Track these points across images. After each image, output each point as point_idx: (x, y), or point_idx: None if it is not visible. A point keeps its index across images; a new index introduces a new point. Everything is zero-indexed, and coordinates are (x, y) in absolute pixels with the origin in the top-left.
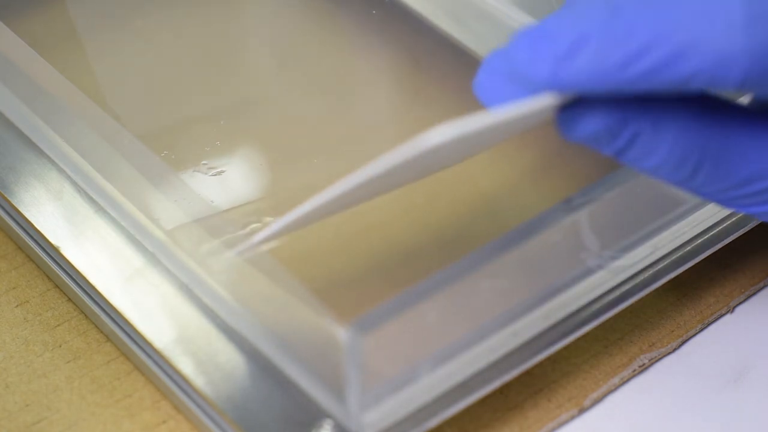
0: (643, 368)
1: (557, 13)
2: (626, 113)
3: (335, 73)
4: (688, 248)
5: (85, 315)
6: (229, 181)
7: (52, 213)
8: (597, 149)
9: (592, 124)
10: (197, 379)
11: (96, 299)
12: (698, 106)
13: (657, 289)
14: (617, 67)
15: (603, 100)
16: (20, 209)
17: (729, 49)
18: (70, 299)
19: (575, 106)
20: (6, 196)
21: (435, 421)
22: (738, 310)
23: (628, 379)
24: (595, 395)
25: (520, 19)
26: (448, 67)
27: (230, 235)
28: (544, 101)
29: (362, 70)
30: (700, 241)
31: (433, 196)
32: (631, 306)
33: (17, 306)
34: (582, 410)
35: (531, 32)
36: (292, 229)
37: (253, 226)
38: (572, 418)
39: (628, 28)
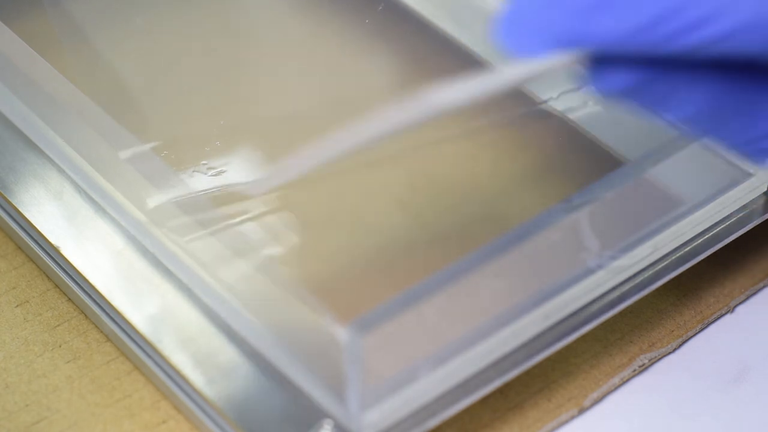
0: (643, 368)
1: None
2: (658, 67)
3: (335, 73)
4: (688, 248)
5: (85, 315)
6: (229, 181)
7: (52, 213)
8: (627, 102)
9: (623, 78)
10: (197, 379)
11: (96, 299)
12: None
13: (657, 289)
14: (643, 27)
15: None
16: (20, 209)
17: (762, 11)
18: (70, 299)
19: (607, 60)
20: (6, 196)
21: (435, 421)
22: (738, 310)
23: (628, 379)
24: (595, 395)
25: None
26: (448, 67)
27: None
28: (565, 57)
29: (362, 70)
30: (700, 241)
31: (434, 196)
32: (631, 306)
33: (17, 306)
34: (582, 410)
35: None
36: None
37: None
38: (572, 418)
39: None
